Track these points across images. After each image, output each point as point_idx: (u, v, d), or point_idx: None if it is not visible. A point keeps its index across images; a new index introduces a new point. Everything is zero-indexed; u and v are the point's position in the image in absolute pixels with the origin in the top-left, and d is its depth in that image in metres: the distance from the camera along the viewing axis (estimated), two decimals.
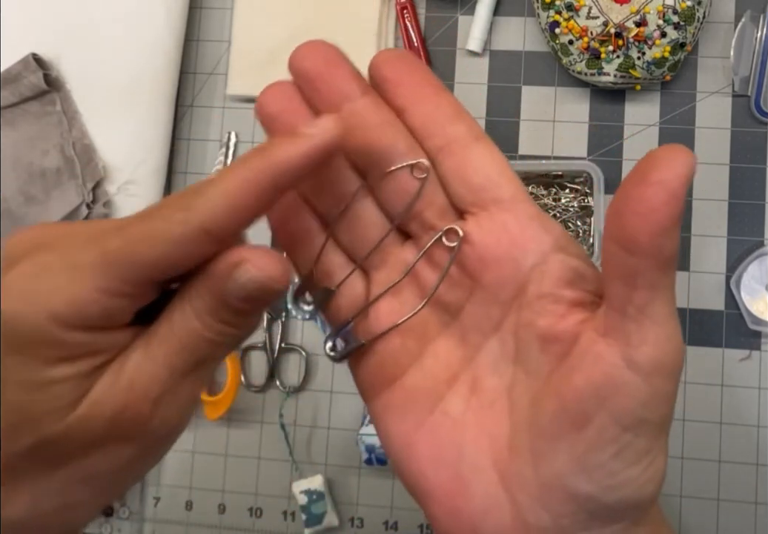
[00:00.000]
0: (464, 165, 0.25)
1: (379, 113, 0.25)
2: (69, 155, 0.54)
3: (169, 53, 0.55)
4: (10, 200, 0.55)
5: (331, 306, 0.27)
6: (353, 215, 0.26)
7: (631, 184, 0.21)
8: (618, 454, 0.22)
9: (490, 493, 0.24)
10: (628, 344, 0.22)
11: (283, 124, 0.26)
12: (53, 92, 0.55)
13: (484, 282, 0.25)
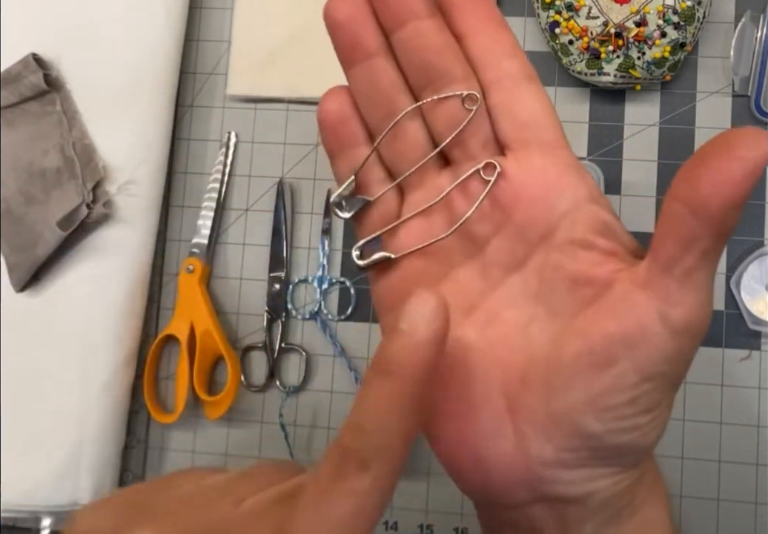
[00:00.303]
0: (513, 101, 0.26)
1: (441, 36, 0.26)
2: (69, 155, 0.54)
3: (169, 53, 0.55)
4: (10, 200, 0.55)
5: (365, 217, 0.28)
6: (399, 132, 0.27)
7: (712, 155, 0.21)
8: (632, 401, 0.23)
9: (496, 420, 0.25)
10: (666, 301, 0.22)
11: (349, 33, 0.26)
12: (53, 92, 0.55)
13: (515, 219, 0.25)
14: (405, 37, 0.26)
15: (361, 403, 0.21)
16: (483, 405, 0.25)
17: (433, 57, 0.26)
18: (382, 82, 0.27)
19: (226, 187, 0.57)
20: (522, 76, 0.26)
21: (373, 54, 0.26)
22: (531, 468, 0.24)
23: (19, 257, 0.54)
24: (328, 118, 0.28)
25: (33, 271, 0.53)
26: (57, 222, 0.52)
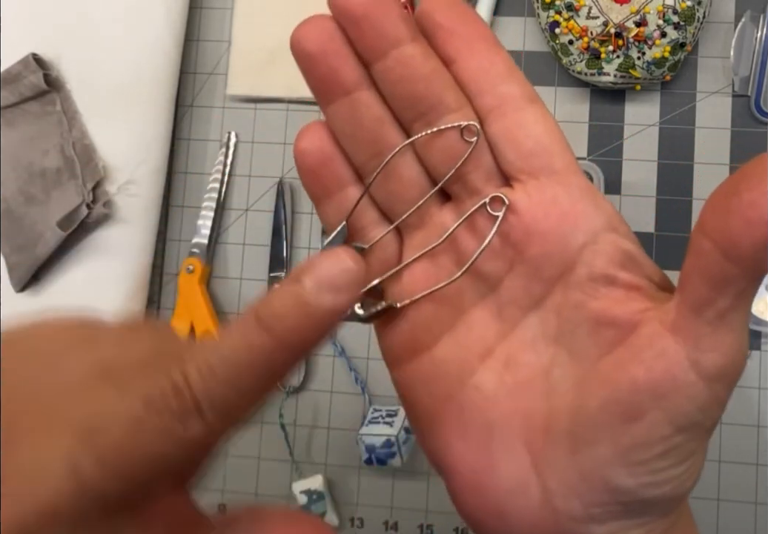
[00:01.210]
0: (516, 128, 0.23)
1: (428, 63, 0.23)
2: (69, 155, 0.54)
3: (169, 53, 0.55)
4: (10, 200, 0.55)
5: None
6: (391, 170, 0.24)
7: (744, 185, 0.19)
8: (665, 454, 0.22)
9: (520, 474, 0.23)
10: (698, 347, 0.21)
11: (323, 67, 0.24)
12: (53, 92, 0.55)
13: (528, 256, 0.24)
14: (387, 68, 0.23)
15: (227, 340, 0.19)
16: (505, 458, 0.23)
17: (421, 87, 0.23)
18: (365, 119, 0.24)
19: (226, 187, 0.57)
20: (523, 99, 0.24)
21: (352, 88, 0.24)
22: (558, 523, 0.23)
23: (19, 257, 0.54)
24: (307, 161, 0.25)
25: (33, 271, 0.53)
26: (57, 222, 0.52)
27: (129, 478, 0.17)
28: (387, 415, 0.51)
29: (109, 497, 0.17)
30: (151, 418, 0.18)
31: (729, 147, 0.53)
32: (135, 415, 0.18)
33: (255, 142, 0.57)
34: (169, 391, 0.18)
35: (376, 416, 0.51)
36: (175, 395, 0.18)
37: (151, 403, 0.18)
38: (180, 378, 0.18)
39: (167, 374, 0.18)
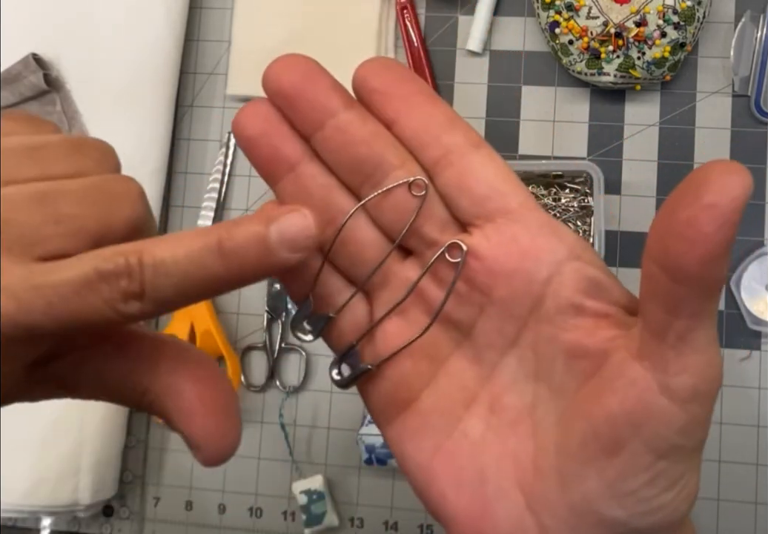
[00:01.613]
0: (465, 175, 0.24)
1: (366, 126, 0.24)
2: None
3: (169, 53, 0.55)
4: None
5: (333, 332, 0.26)
6: (348, 235, 0.25)
7: (679, 204, 0.19)
8: (651, 482, 0.22)
9: (516, 516, 0.23)
10: (666, 371, 0.20)
11: (263, 148, 0.24)
12: (53, 92, 0.55)
13: (496, 297, 0.24)
14: (326, 137, 0.24)
15: (184, 244, 0.20)
16: (501, 502, 0.23)
17: (362, 150, 0.24)
18: (313, 190, 0.24)
19: (226, 187, 0.57)
20: (468, 146, 0.24)
21: (295, 163, 0.24)
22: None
23: None
24: None
25: None
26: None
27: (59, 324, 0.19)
28: None
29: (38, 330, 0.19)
30: (100, 286, 0.19)
31: (729, 147, 0.53)
32: (86, 278, 0.19)
33: None
34: (123, 270, 0.19)
35: None
36: (128, 276, 0.19)
37: (103, 274, 0.19)
38: (136, 263, 0.20)
39: (125, 254, 0.20)
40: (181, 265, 0.20)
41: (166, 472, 0.56)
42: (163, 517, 0.56)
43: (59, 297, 0.19)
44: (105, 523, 0.56)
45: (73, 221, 0.20)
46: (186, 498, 0.56)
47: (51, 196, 0.20)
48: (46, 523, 0.55)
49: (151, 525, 0.56)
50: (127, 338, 0.23)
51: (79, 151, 0.22)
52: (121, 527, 0.56)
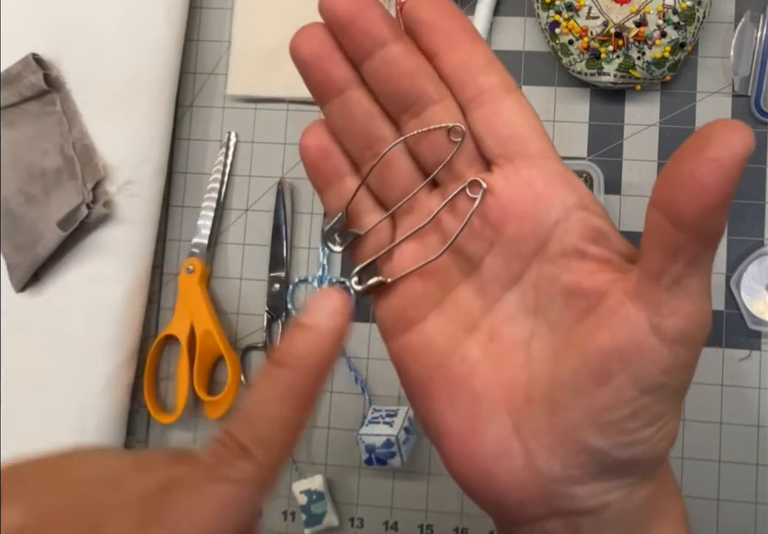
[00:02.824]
0: (494, 117, 0.25)
1: (411, 60, 0.25)
2: (69, 155, 0.54)
3: (169, 53, 0.55)
4: (10, 200, 0.55)
5: (358, 247, 0.28)
6: (384, 162, 0.27)
7: (684, 157, 0.20)
8: (633, 415, 0.23)
9: (503, 439, 0.25)
10: (658, 312, 0.22)
11: (318, 71, 0.26)
12: (53, 92, 0.55)
13: (506, 234, 0.25)
14: (374, 67, 0.26)
15: (253, 393, 0.22)
16: (489, 423, 0.25)
17: (406, 83, 0.25)
18: (357, 115, 0.26)
19: (226, 187, 0.57)
20: (501, 89, 0.25)
21: (344, 88, 0.26)
22: (542, 484, 0.24)
23: (19, 257, 0.54)
24: (309, 154, 0.28)
25: (33, 271, 0.53)
26: (57, 222, 0.52)
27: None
28: (387, 415, 0.51)
29: None
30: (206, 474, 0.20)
31: None
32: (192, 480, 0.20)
33: (255, 142, 0.57)
34: (217, 446, 0.21)
35: (376, 416, 0.51)
36: (222, 447, 0.21)
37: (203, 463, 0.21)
38: (220, 433, 0.21)
39: (212, 438, 0.21)
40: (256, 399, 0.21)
41: None
42: None
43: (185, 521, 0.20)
44: None
45: None
46: None
47: None
48: None
49: None
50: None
51: None
52: None
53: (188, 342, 0.54)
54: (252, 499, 0.21)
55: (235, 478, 0.20)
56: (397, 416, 0.51)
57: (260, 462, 0.21)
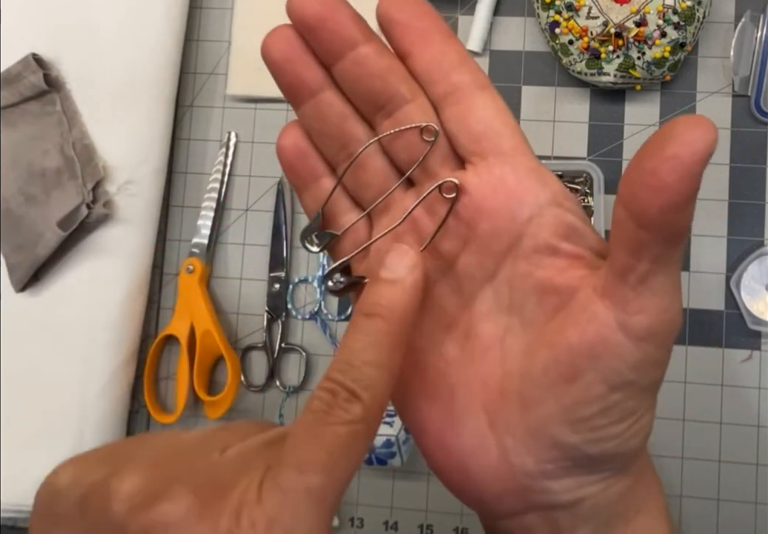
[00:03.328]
0: (466, 114, 0.25)
1: (382, 60, 0.26)
2: (69, 155, 0.54)
3: (169, 53, 0.55)
4: (10, 200, 0.55)
5: (336, 247, 0.28)
6: (359, 162, 0.27)
7: (646, 155, 0.20)
8: (603, 412, 0.23)
9: (478, 434, 0.25)
10: (625, 310, 0.22)
11: (289, 74, 0.26)
12: (53, 92, 0.55)
13: (479, 232, 0.25)
14: (345, 69, 0.26)
15: (350, 342, 0.23)
16: (465, 419, 0.25)
17: (378, 83, 0.25)
18: (331, 116, 0.26)
19: (226, 187, 0.57)
20: (474, 86, 0.25)
21: (317, 90, 0.26)
22: (516, 479, 0.24)
23: (19, 257, 0.54)
24: (285, 155, 0.28)
25: (33, 271, 0.53)
26: (57, 222, 0.52)
27: (325, 469, 0.21)
28: (387, 415, 0.51)
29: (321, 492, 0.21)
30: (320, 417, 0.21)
31: (729, 147, 0.53)
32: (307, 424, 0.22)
33: (255, 142, 0.57)
34: (326, 394, 0.22)
35: None
36: (331, 394, 0.22)
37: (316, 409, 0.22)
38: (327, 382, 0.22)
39: (320, 387, 0.22)
40: (355, 349, 0.22)
41: None
42: None
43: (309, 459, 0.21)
44: None
45: None
46: None
47: None
48: None
49: None
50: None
51: None
52: None
53: (188, 342, 0.54)
54: (365, 440, 0.22)
55: (349, 420, 0.21)
56: (397, 416, 0.51)
57: (367, 404, 0.22)
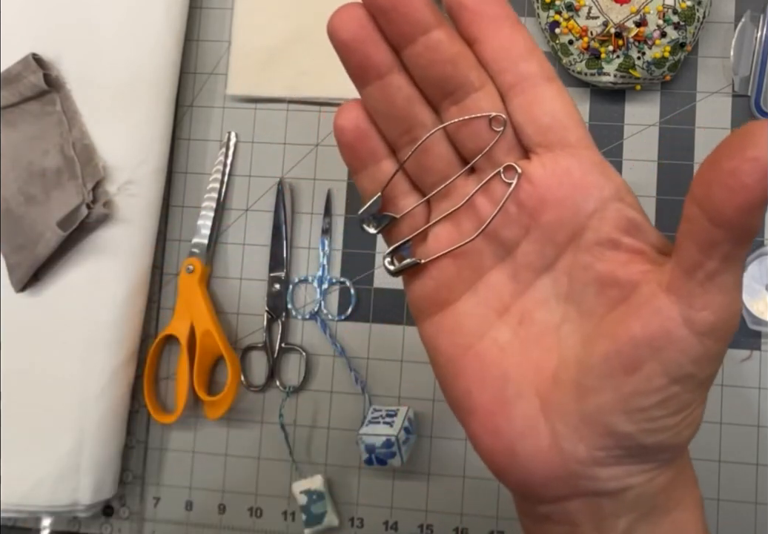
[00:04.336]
0: (534, 104, 0.25)
1: (453, 46, 0.25)
2: (69, 155, 0.54)
3: (169, 53, 0.55)
4: (10, 200, 0.55)
5: (393, 230, 0.28)
6: (423, 146, 0.27)
7: (725, 156, 0.21)
8: (661, 403, 0.24)
9: (530, 418, 0.25)
10: (690, 306, 0.23)
11: (358, 54, 0.26)
12: (53, 92, 0.55)
13: (542, 222, 0.26)
14: (416, 53, 0.26)
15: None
16: (517, 403, 0.26)
17: (448, 69, 0.25)
18: (397, 100, 0.26)
19: (226, 187, 0.57)
20: (540, 77, 0.25)
21: (385, 72, 0.26)
22: (566, 465, 0.25)
23: (19, 257, 0.54)
24: (344, 135, 0.27)
25: (33, 271, 0.53)
26: (57, 222, 0.52)
27: None
28: (387, 415, 0.51)
29: None
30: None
31: None
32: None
33: (255, 142, 0.57)
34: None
35: (376, 416, 0.51)
36: None
37: None
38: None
39: None
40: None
41: (166, 472, 0.56)
42: (163, 517, 0.56)
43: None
44: (105, 523, 0.56)
45: None
46: (186, 498, 0.56)
47: None
48: (46, 523, 0.55)
49: (151, 525, 0.56)
50: None
51: None
52: (121, 527, 0.56)
53: (188, 342, 0.54)
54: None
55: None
56: (397, 416, 0.51)
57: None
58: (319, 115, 0.56)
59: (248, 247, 0.56)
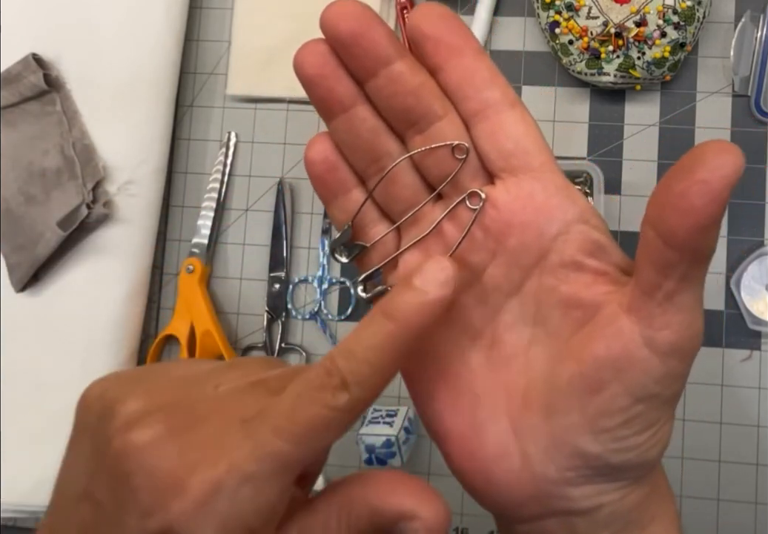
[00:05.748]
0: (497, 131, 0.26)
1: (414, 77, 0.26)
2: (69, 155, 0.54)
3: (169, 53, 0.55)
4: (10, 200, 0.55)
5: (364, 258, 0.29)
6: (390, 175, 0.27)
7: (675, 178, 0.21)
8: (627, 422, 0.24)
9: (502, 441, 0.26)
10: (650, 326, 0.23)
11: (322, 88, 0.26)
12: (53, 92, 0.55)
13: (508, 246, 0.26)
14: (378, 86, 0.26)
15: (360, 333, 0.23)
16: (490, 427, 0.26)
17: (410, 100, 0.26)
18: (363, 131, 0.27)
19: (226, 187, 0.57)
20: (503, 104, 0.26)
21: (349, 105, 0.26)
22: (538, 485, 0.25)
23: (19, 257, 0.54)
24: (314, 168, 0.28)
25: (33, 271, 0.53)
26: (57, 222, 0.52)
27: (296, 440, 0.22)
28: (387, 415, 0.51)
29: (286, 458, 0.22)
30: (310, 393, 0.22)
31: None
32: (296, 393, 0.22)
33: (255, 142, 0.57)
34: (323, 373, 0.22)
35: (376, 416, 0.51)
36: (327, 375, 0.22)
37: (309, 383, 0.22)
38: (329, 363, 0.22)
39: (320, 363, 0.22)
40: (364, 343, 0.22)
41: None
42: None
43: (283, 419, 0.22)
44: None
45: None
46: None
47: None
48: None
49: None
50: None
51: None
52: None
53: (188, 342, 0.54)
54: (339, 429, 0.22)
55: (333, 406, 0.22)
56: (397, 416, 0.51)
57: (354, 398, 0.22)
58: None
59: (248, 247, 0.56)
